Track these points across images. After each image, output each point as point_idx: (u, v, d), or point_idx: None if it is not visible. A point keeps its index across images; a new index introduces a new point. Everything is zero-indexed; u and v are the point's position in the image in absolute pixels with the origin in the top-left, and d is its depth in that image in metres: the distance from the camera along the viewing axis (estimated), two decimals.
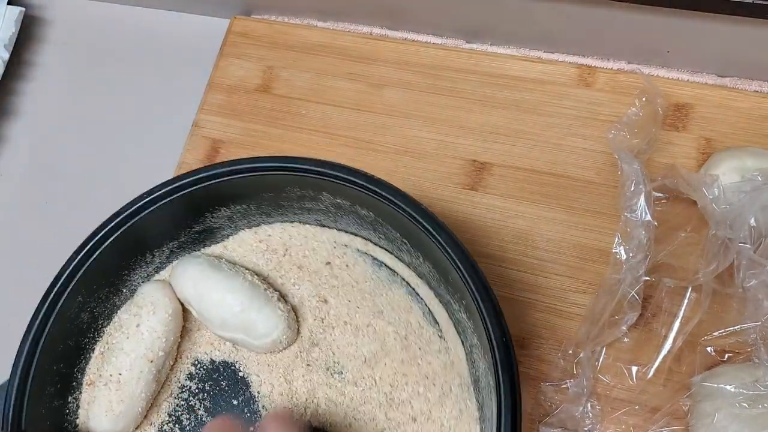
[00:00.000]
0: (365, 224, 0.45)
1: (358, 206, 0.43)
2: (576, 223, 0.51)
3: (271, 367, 0.45)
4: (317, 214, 0.46)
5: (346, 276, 0.46)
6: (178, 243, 0.47)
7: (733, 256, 0.44)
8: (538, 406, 0.47)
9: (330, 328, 0.45)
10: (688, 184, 0.46)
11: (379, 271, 0.46)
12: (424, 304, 0.45)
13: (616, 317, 0.46)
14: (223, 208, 0.45)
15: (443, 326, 0.44)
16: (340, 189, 0.42)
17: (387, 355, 0.44)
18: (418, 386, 0.42)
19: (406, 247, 0.44)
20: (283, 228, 0.48)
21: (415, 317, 0.45)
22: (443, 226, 0.39)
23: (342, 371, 0.44)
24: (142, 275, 0.47)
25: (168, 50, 0.66)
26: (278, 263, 0.47)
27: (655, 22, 0.50)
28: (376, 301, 0.45)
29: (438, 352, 0.43)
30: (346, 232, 0.47)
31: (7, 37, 0.65)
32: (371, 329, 0.45)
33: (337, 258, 0.47)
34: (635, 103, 0.52)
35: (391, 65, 0.59)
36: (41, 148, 0.65)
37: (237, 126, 0.59)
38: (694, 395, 0.44)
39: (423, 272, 0.45)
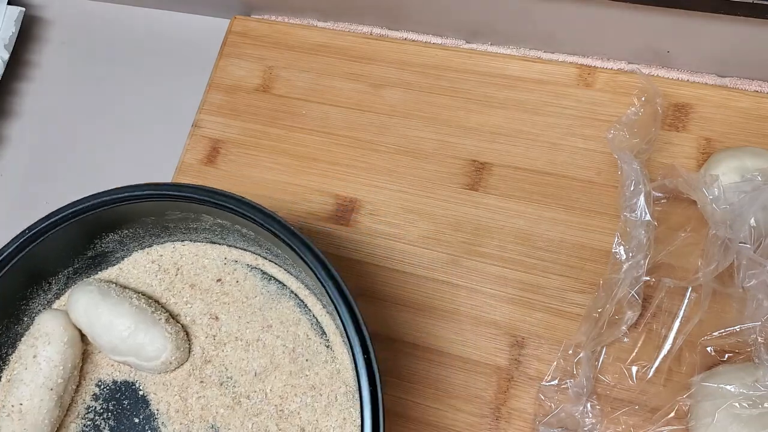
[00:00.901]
0: (250, 241, 0.46)
1: (238, 226, 0.44)
2: (576, 223, 0.51)
3: (166, 385, 0.46)
4: (204, 232, 0.47)
5: (236, 292, 0.47)
6: (74, 269, 0.47)
7: (733, 256, 0.44)
8: (538, 406, 0.47)
9: (222, 344, 0.46)
10: (688, 184, 0.46)
11: (268, 285, 0.47)
12: (312, 315, 0.46)
13: (616, 317, 0.46)
14: (111, 234, 0.46)
15: (330, 336, 0.45)
16: (216, 211, 0.43)
17: (276, 368, 0.45)
18: (306, 397, 0.44)
19: (290, 261, 0.44)
20: (174, 247, 0.49)
21: (303, 329, 0.46)
22: (300, 237, 0.40)
23: (235, 386, 0.45)
24: (41, 303, 0.47)
25: (168, 50, 0.66)
26: (171, 283, 0.48)
27: (655, 22, 0.50)
28: (266, 315, 0.46)
29: (325, 362, 0.44)
30: (236, 247, 0.48)
31: (7, 37, 0.65)
32: (261, 344, 0.46)
33: (228, 274, 0.48)
34: (635, 102, 0.52)
35: (391, 65, 0.59)
36: (41, 148, 0.65)
37: (237, 126, 0.59)
38: (694, 395, 0.44)
39: (309, 285, 0.46)
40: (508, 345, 0.49)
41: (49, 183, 0.64)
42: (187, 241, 0.49)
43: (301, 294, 0.47)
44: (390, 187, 0.55)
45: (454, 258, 0.52)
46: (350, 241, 0.54)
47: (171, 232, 0.48)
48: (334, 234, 0.54)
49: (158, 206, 0.44)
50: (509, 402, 0.48)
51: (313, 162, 0.57)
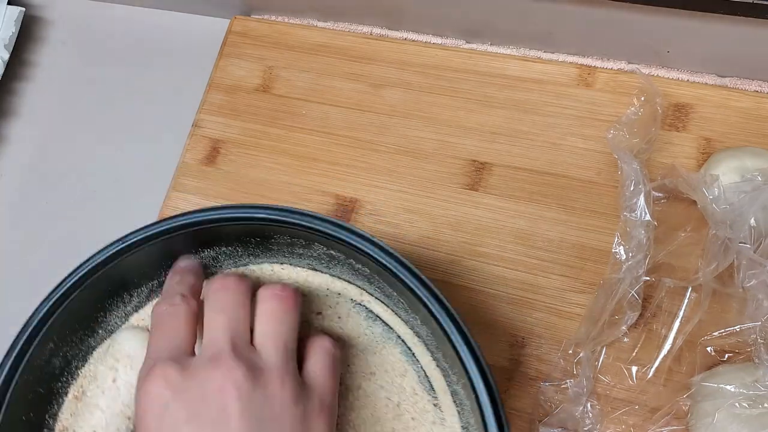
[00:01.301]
0: (360, 276, 0.41)
1: (353, 260, 0.40)
2: (576, 223, 0.51)
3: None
4: (309, 259, 0.43)
5: (337, 329, 0.42)
6: (158, 282, 0.43)
7: (733, 256, 0.44)
8: (538, 407, 0.47)
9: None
10: (688, 184, 0.46)
11: (373, 326, 0.41)
12: (420, 367, 0.40)
13: (616, 317, 0.46)
14: (207, 250, 0.42)
15: (440, 395, 0.39)
16: (333, 243, 0.38)
17: (377, 423, 0.39)
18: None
19: (403, 305, 0.40)
20: (272, 269, 0.43)
21: (409, 382, 0.40)
22: (439, 298, 0.35)
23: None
24: (119, 316, 0.43)
25: (168, 50, 0.66)
26: None
27: (655, 22, 0.50)
28: (369, 361, 0.41)
29: (433, 423, 0.39)
30: (340, 278, 0.43)
31: (7, 37, 0.65)
32: (362, 392, 0.40)
33: (329, 308, 0.42)
34: (634, 102, 0.52)
35: (391, 65, 0.59)
36: (41, 148, 0.65)
37: (237, 126, 0.59)
38: (694, 395, 0.44)
39: (420, 333, 0.41)
40: (508, 345, 0.49)
41: (49, 183, 0.64)
42: (286, 265, 0.43)
43: (409, 341, 0.41)
44: (390, 187, 0.55)
45: (454, 258, 0.52)
46: None
47: (272, 255, 0.43)
48: None
49: (270, 229, 0.39)
50: (509, 402, 0.47)
51: (313, 162, 0.57)
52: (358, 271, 0.41)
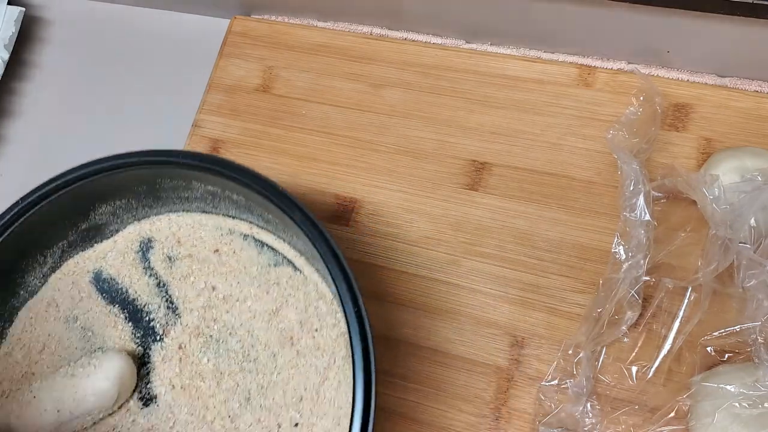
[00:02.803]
0: (242, 208, 0.46)
1: (228, 191, 0.44)
2: (576, 223, 0.51)
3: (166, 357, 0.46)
4: (197, 201, 0.47)
5: (233, 262, 0.47)
6: (68, 242, 0.47)
7: (733, 256, 0.44)
8: (538, 406, 0.47)
9: (224, 308, 0.46)
10: (687, 184, 0.46)
11: (264, 253, 0.47)
12: (305, 275, 0.46)
13: (616, 317, 0.46)
14: (104, 205, 0.46)
15: (327, 301, 0.45)
16: (205, 176, 0.43)
17: (284, 318, 0.45)
18: (311, 357, 0.43)
19: (281, 226, 0.44)
20: (169, 218, 0.48)
21: (310, 289, 0.45)
22: (295, 202, 0.40)
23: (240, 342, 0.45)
24: (37, 276, 0.47)
25: (168, 50, 0.66)
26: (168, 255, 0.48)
27: (655, 22, 0.51)
28: (269, 278, 0.46)
29: (333, 325, 0.44)
30: (229, 216, 0.48)
31: (7, 37, 0.65)
32: (270, 297, 0.46)
33: (225, 245, 0.47)
34: (633, 102, 0.52)
35: (391, 65, 0.59)
36: (41, 148, 0.65)
37: (237, 126, 0.59)
38: (694, 395, 0.44)
39: (302, 249, 0.45)
40: (508, 345, 0.49)
41: None
42: (181, 212, 0.48)
43: (297, 262, 0.46)
44: (390, 187, 0.55)
45: (454, 258, 0.52)
46: (350, 241, 0.54)
47: (164, 203, 0.47)
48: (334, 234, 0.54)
49: (149, 174, 0.44)
50: (509, 402, 0.48)
51: (313, 162, 0.57)
52: (238, 204, 0.45)
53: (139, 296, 0.47)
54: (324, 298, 0.45)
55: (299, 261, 0.46)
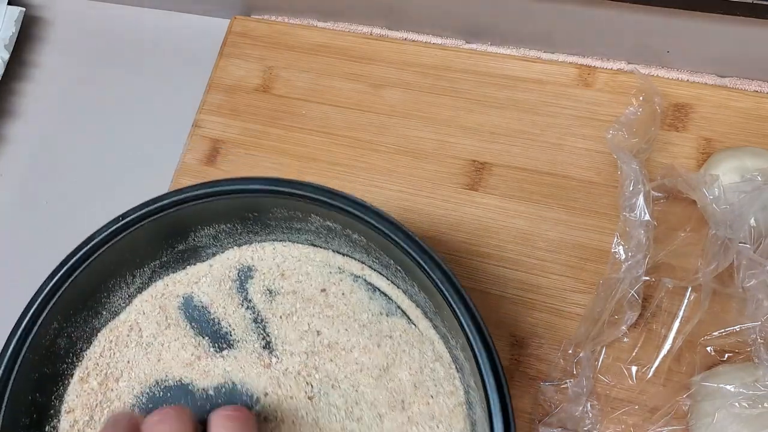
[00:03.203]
0: (358, 248, 0.42)
1: (350, 230, 0.40)
2: (576, 223, 0.51)
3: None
4: (307, 234, 0.43)
5: (342, 305, 0.42)
6: (160, 263, 0.43)
7: (733, 256, 0.44)
8: (538, 406, 0.47)
9: (328, 357, 0.41)
10: (687, 183, 0.46)
11: (375, 299, 0.42)
12: (426, 338, 0.41)
13: (615, 317, 0.46)
14: (206, 228, 0.42)
15: (445, 364, 0.40)
16: (329, 213, 0.39)
17: (400, 395, 0.39)
18: (424, 427, 0.38)
19: (401, 274, 0.40)
20: (273, 247, 0.44)
21: (427, 349, 0.40)
22: (435, 260, 0.36)
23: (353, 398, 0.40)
24: (122, 297, 0.43)
25: (168, 50, 0.66)
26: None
27: (655, 22, 0.51)
28: (381, 329, 0.41)
29: (450, 393, 0.39)
30: (340, 253, 0.43)
31: (7, 37, 0.65)
32: (381, 351, 0.41)
33: (333, 285, 0.42)
34: (633, 102, 0.52)
35: (391, 65, 0.59)
36: (41, 148, 0.65)
37: (237, 126, 0.59)
38: (694, 395, 0.44)
39: (419, 301, 0.41)
40: (508, 345, 0.49)
41: (49, 183, 0.64)
42: (287, 242, 0.44)
43: (411, 313, 0.41)
44: (390, 187, 0.55)
45: (454, 258, 0.52)
46: None
47: (271, 231, 0.43)
48: None
49: (266, 201, 0.40)
50: None
51: (313, 162, 0.57)
52: (356, 243, 0.41)
53: (233, 330, 0.42)
54: (441, 360, 0.39)
55: (414, 313, 0.41)
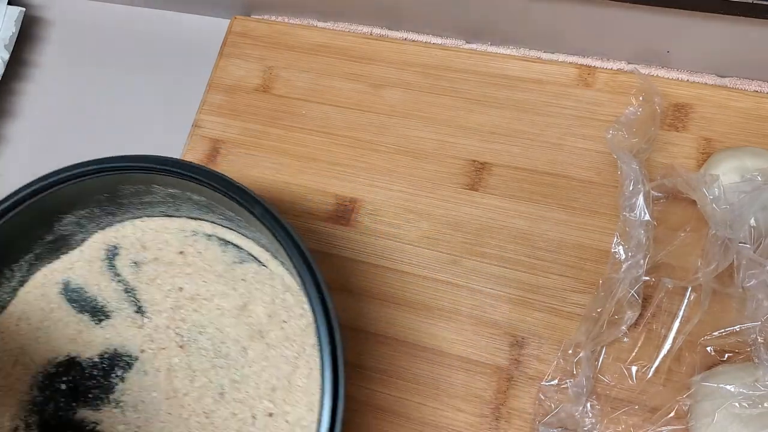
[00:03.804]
0: (204, 209, 0.46)
1: (189, 192, 0.44)
2: (576, 223, 0.51)
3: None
4: (159, 206, 0.47)
5: (199, 262, 0.47)
6: (35, 255, 0.47)
7: (733, 256, 0.44)
8: (538, 406, 0.47)
9: (194, 307, 0.47)
10: (687, 183, 0.46)
11: (228, 251, 0.47)
12: (277, 275, 0.46)
13: (615, 317, 0.46)
14: (67, 216, 0.46)
15: (294, 292, 0.45)
16: (164, 179, 0.43)
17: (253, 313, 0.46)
18: (281, 348, 0.44)
19: (244, 224, 0.45)
20: (134, 224, 0.49)
21: (277, 283, 0.46)
22: (255, 197, 0.40)
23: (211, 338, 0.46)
24: (6, 291, 0.46)
25: (168, 50, 0.66)
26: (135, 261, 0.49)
27: (655, 22, 0.51)
28: (235, 275, 0.47)
29: (300, 315, 0.44)
30: (192, 218, 0.48)
31: (7, 37, 0.65)
32: (237, 293, 0.46)
33: (189, 246, 0.48)
34: (633, 102, 0.52)
35: (391, 65, 0.59)
36: (41, 148, 0.65)
37: (237, 126, 0.59)
38: (694, 395, 0.44)
39: (266, 245, 0.46)
40: (508, 345, 0.49)
41: None
42: (144, 218, 0.49)
43: (262, 257, 0.47)
44: (390, 187, 0.55)
45: (454, 258, 0.52)
46: (350, 241, 0.54)
47: (126, 209, 0.48)
48: (334, 234, 0.54)
49: (109, 181, 0.43)
50: (509, 402, 0.48)
51: (313, 162, 0.57)
52: (200, 204, 0.46)
53: (108, 303, 0.47)
54: (290, 290, 0.45)
55: (264, 256, 0.47)
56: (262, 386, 0.43)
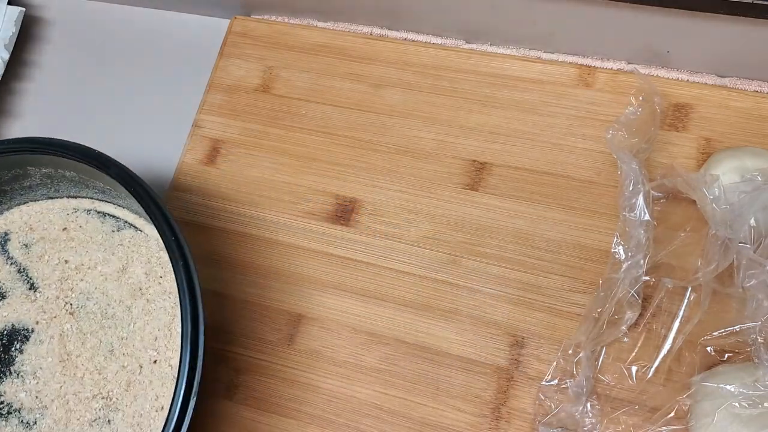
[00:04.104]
0: (79, 185, 0.52)
1: (62, 170, 0.50)
2: (576, 223, 0.51)
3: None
4: (40, 189, 0.53)
5: (81, 235, 0.53)
6: None
7: (733, 256, 0.44)
8: (538, 406, 0.47)
9: (77, 277, 0.52)
10: (687, 183, 0.46)
11: (105, 221, 0.53)
12: (151, 237, 0.52)
13: (615, 317, 0.46)
14: None
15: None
16: (35, 159, 0.48)
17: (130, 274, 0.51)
18: (162, 300, 0.50)
19: (115, 193, 0.50)
20: (20, 210, 0.54)
21: (151, 246, 0.52)
22: (110, 159, 0.45)
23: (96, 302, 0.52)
24: None
25: (168, 50, 0.66)
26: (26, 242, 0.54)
27: (655, 22, 0.51)
28: (113, 242, 0.52)
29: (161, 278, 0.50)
30: (72, 197, 0.54)
31: (7, 37, 0.65)
32: (116, 257, 0.52)
33: (71, 222, 0.53)
34: (632, 102, 0.52)
35: (391, 65, 0.59)
36: None
37: (237, 126, 0.59)
38: (694, 395, 0.44)
39: (139, 211, 0.50)
40: (508, 345, 0.49)
41: None
42: (29, 203, 0.54)
43: (138, 223, 0.52)
44: (390, 187, 0.55)
45: (454, 258, 0.52)
46: (350, 241, 0.54)
47: (11, 196, 0.53)
48: (334, 234, 0.54)
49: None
50: (509, 402, 0.48)
51: (313, 162, 0.57)
52: (73, 180, 0.51)
53: (3, 284, 0.52)
54: (164, 248, 0.48)
55: (139, 222, 0.52)
56: (146, 338, 0.49)
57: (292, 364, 0.51)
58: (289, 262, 0.54)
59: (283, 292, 0.53)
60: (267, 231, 0.55)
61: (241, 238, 0.55)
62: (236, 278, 0.54)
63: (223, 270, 0.55)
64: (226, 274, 0.54)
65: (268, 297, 0.53)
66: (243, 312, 0.53)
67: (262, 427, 0.50)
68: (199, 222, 0.57)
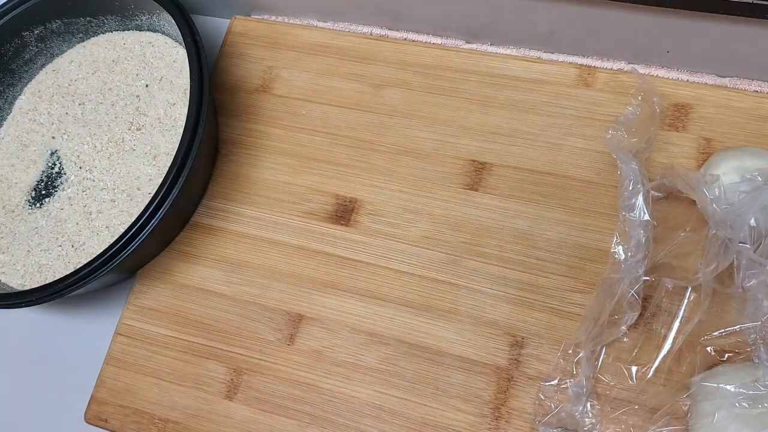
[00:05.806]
0: (64, 34, 0.62)
1: (48, 24, 0.60)
2: (576, 223, 0.51)
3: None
4: (39, 58, 0.62)
5: (139, 53, 0.62)
6: None
7: (733, 256, 0.44)
8: (538, 406, 0.47)
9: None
10: (687, 183, 0.46)
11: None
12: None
13: (615, 317, 0.46)
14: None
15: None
16: (24, 18, 0.58)
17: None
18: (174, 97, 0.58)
19: (95, 22, 0.62)
20: (30, 88, 0.63)
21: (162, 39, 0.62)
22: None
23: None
24: None
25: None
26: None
27: (655, 22, 0.51)
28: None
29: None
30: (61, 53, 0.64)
31: None
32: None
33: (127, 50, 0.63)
34: (632, 102, 0.52)
35: (391, 65, 0.59)
36: None
37: (237, 126, 0.59)
38: (694, 395, 0.44)
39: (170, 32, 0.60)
40: (508, 345, 0.49)
41: None
42: (46, 66, 0.64)
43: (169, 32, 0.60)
44: (390, 187, 0.55)
45: (454, 258, 0.52)
46: (350, 241, 0.54)
47: (20, 75, 0.62)
48: (334, 234, 0.54)
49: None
50: (509, 402, 0.48)
51: (313, 162, 0.57)
52: (60, 32, 0.62)
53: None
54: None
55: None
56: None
57: (292, 364, 0.51)
58: (289, 262, 0.54)
59: (283, 292, 0.53)
60: (267, 231, 0.55)
61: (241, 238, 0.55)
62: (236, 278, 0.54)
63: (223, 270, 0.55)
64: (226, 274, 0.55)
65: (268, 297, 0.53)
66: (243, 312, 0.53)
67: (262, 427, 0.50)
68: (199, 222, 0.57)
